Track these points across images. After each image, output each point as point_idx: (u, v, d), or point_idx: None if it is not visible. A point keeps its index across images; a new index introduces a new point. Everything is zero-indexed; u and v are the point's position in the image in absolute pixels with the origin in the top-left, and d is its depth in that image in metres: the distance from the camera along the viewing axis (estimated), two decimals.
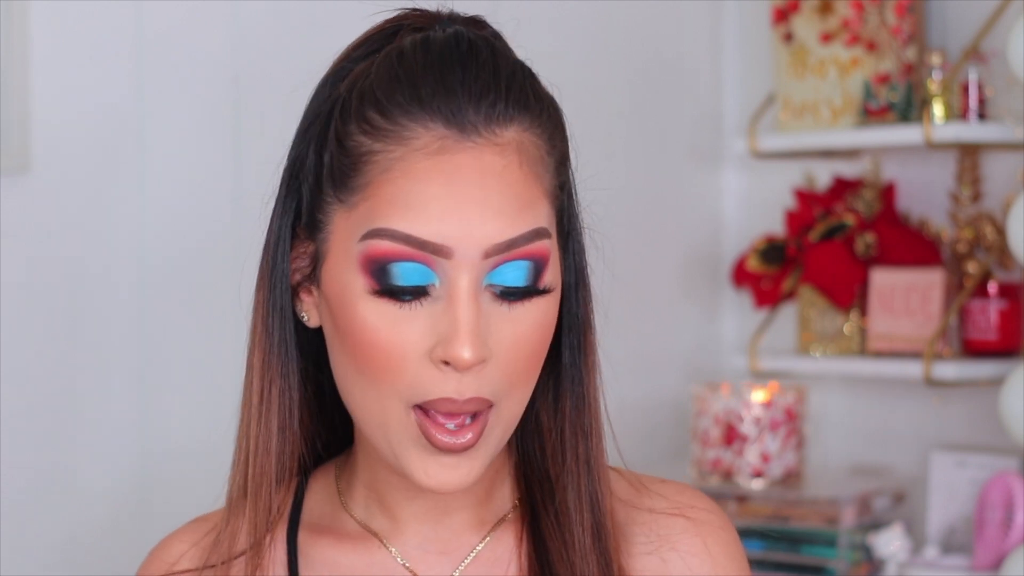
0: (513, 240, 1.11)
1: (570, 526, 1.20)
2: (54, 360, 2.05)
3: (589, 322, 1.22)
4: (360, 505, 1.23)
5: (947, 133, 2.47)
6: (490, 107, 1.12)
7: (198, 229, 2.18)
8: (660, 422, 2.77)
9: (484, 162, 1.11)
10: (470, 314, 1.10)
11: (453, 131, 1.11)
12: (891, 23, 2.59)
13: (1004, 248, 2.49)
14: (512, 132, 1.13)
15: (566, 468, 1.20)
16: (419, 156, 1.11)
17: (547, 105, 1.17)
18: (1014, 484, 2.40)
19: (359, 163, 1.13)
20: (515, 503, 1.24)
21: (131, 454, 2.12)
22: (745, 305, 2.87)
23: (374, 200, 1.12)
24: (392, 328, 1.11)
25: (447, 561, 1.21)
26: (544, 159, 1.15)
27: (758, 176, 2.90)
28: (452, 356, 1.09)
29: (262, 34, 2.24)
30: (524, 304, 1.13)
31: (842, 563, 2.52)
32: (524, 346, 1.13)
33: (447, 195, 1.10)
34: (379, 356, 1.11)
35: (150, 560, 1.27)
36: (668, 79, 2.86)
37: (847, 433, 2.80)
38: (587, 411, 1.21)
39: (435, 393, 1.11)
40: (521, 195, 1.12)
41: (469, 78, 1.12)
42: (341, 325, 1.14)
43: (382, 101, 1.13)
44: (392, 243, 1.10)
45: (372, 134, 1.12)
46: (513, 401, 1.15)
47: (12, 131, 1.98)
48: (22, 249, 2.01)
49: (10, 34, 1.98)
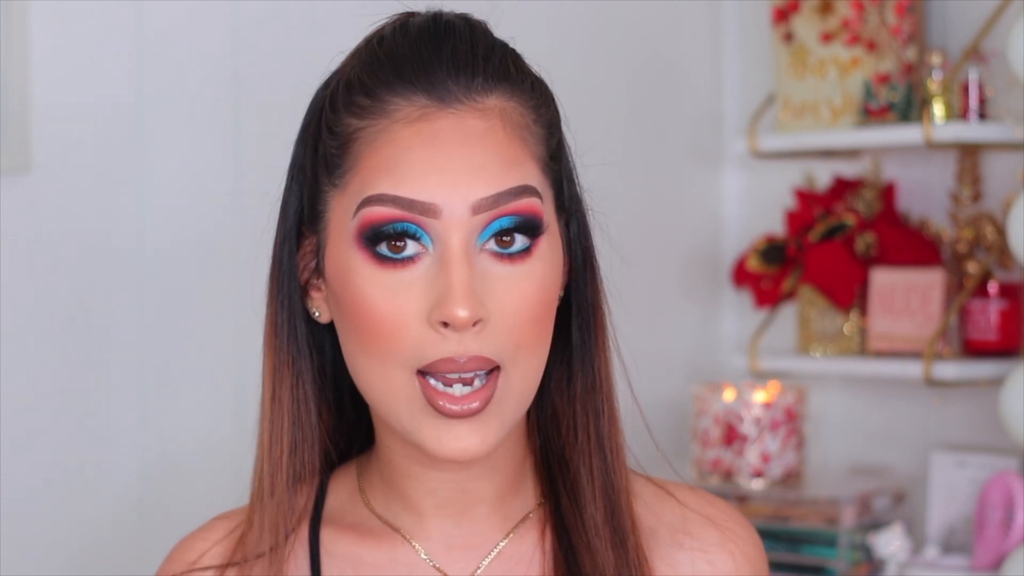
0: (499, 195, 1.13)
1: (585, 506, 1.20)
2: (54, 360, 2.05)
3: (598, 303, 1.23)
4: (382, 501, 1.24)
5: (947, 133, 2.47)
6: (469, 78, 1.14)
7: (198, 228, 2.18)
8: (660, 422, 2.76)
9: (466, 126, 1.13)
10: (463, 273, 1.11)
11: (434, 100, 1.14)
12: (891, 23, 2.59)
13: (1004, 248, 2.49)
14: (494, 100, 1.15)
15: (579, 447, 1.21)
16: (401, 125, 1.13)
17: (530, 78, 1.19)
18: (1014, 484, 2.40)
19: (347, 143, 1.15)
20: (539, 501, 1.24)
21: (131, 453, 2.12)
22: (745, 305, 2.87)
23: (363, 173, 1.14)
24: (390, 296, 1.13)
25: (470, 557, 1.22)
26: (530, 126, 1.16)
27: (758, 176, 2.90)
28: (448, 316, 1.11)
29: (262, 34, 2.24)
30: (524, 263, 1.14)
31: (842, 563, 2.52)
32: (525, 307, 1.14)
33: (431, 156, 1.12)
34: (380, 325, 1.13)
35: (172, 559, 1.27)
36: (668, 79, 2.86)
37: (847, 433, 2.80)
38: (598, 391, 1.22)
39: (436, 354, 1.12)
40: (506, 154, 1.14)
41: (447, 51, 1.15)
42: (344, 303, 1.15)
43: (366, 82, 1.15)
44: (382, 207, 1.12)
45: (358, 114, 1.15)
46: (523, 367, 1.15)
47: (12, 131, 1.98)
48: (22, 249, 2.01)
49: (10, 34, 1.98)
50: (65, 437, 2.06)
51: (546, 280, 1.15)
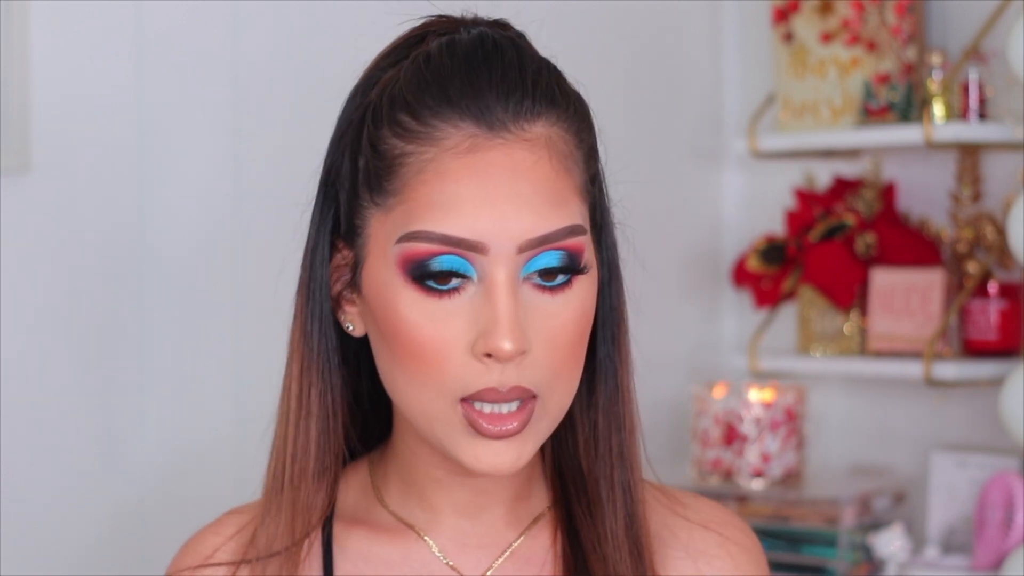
0: (547, 236, 1.14)
1: (602, 517, 1.21)
2: (54, 360, 2.05)
3: (623, 315, 1.24)
4: (396, 498, 1.24)
5: (947, 133, 2.47)
6: (517, 104, 1.15)
7: (198, 228, 2.18)
8: (660, 422, 2.77)
9: (514, 158, 1.14)
10: (509, 305, 1.12)
11: (483, 128, 1.14)
12: (891, 23, 2.59)
13: (1004, 248, 2.49)
14: (540, 127, 1.16)
15: (599, 459, 1.22)
16: (450, 156, 1.14)
17: (573, 100, 1.20)
18: (1014, 484, 2.40)
19: (393, 166, 1.15)
20: (551, 503, 1.25)
21: (132, 453, 2.12)
22: (745, 305, 2.87)
23: (409, 203, 1.14)
24: (433, 324, 1.13)
25: (483, 555, 1.23)
26: (573, 153, 1.18)
27: (758, 176, 2.90)
28: (493, 348, 1.12)
29: (262, 34, 2.24)
30: (563, 294, 1.15)
31: (842, 563, 2.52)
32: (563, 337, 1.15)
33: (479, 193, 1.13)
34: (423, 352, 1.14)
35: (184, 553, 1.28)
36: (668, 79, 2.86)
37: (847, 433, 2.80)
38: (621, 403, 1.23)
39: (478, 385, 1.13)
40: (553, 190, 1.15)
41: (496, 77, 1.15)
42: (384, 326, 1.16)
43: (412, 104, 1.15)
44: (428, 244, 1.13)
45: (404, 136, 1.15)
46: (558, 393, 1.16)
47: (12, 131, 1.98)
48: (22, 249, 2.01)
49: (10, 34, 1.98)
50: (65, 437, 2.06)
51: (585, 308, 1.17)
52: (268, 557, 1.22)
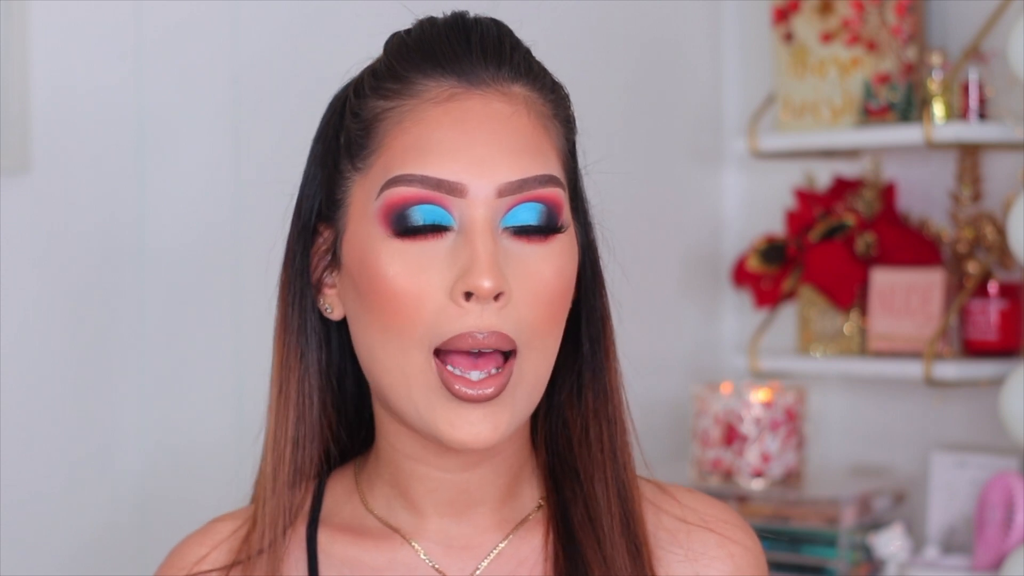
0: (525, 180, 1.15)
1: (600, 517, 1.21)
2: (54, 360, 2.05)
3: (607, 313, 1.24)
4: (381, 502, 1.24)
5: (947, 133, 2.47)
6: (496, 67, 1.17)
7: (198, 228, 2.18)
8: (660, 422, 2.77)
9: (493, 108, 1.15)
10: (488, 245, 1.13)
11: (463, 83, 1.16)
12: (891, 23, 2.59)
13: (1004, 248, 2.49)
14: (518, 88, 1.17)
15: (592, 458, 1.22)
16: (430, 105, 1.15)
17: (550, 78, 1.21)
18: (1014, 484, 2.40)
19: (373, 124, 1.17)
20: (539, 503, 1.24)
21: (132, 453, 2.12)
22: (745, 305, 2.87)
23: (388, 153, 1.15)
24: (413, 271, 1.14)
25: (469, 558, 1.22)
26: (551, 118, 1.19)
27: (758, 176, 2.90)
28: (473, 285, 1.11)
29: (262, 34, 2.24)
30: (542, 245, 1.15)
31: (842, 563, 2.52)
32: (544, 290, 1.15)
33: (459, 136, 1.14)
34: (400, 299, 1.14)
35: (168, 563, 1.27)
36: (668, 79, 2.86)
37: (847, 433, 2.80)
38: (609, 401, 1.23)
39: (455, 329, 1.13)
40: (531, 140, 1.16)
41: (475, 43, 1.17)
42: (363, 284, 1.16)
43: (395, 68, 1.18)
44: (408, 188, 1.14)
45: (386, 94, 1.17)
46: (535, 355, 1.16)
47: (12, 131, 1.98)
48: (22, 249, 2.01)
49: (10, 34, 1.98)
50: (65, 437, 2.06)
51: (563, 267, 1.17)
52: (256, 555, 1.21)
